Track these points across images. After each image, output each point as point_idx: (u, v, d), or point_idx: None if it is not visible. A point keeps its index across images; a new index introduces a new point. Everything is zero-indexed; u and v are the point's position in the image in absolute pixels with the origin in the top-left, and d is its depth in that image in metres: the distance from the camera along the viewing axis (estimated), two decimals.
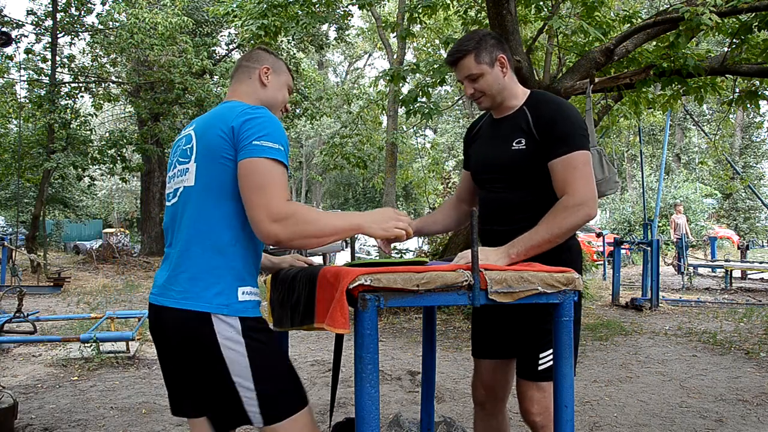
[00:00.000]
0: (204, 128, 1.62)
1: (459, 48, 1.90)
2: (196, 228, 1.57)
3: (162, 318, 1.61)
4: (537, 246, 1.74)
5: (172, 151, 1.76)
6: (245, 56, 1.84)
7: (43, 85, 13.12)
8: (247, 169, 1.50)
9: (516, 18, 5.41)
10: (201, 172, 1.56)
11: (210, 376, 1.55)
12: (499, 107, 1.98)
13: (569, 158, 1.79)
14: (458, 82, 2.00)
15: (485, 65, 1.88)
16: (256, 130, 1.51)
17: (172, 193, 1.67)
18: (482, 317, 2.13)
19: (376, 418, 1.41)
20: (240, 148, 1.51)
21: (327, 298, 1.47)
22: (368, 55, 34.15)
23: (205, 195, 1.56)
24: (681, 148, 29.36)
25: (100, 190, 29.39)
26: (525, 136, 1.87)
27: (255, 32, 6.93)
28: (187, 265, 1.57)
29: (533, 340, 1.92)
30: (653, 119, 12.34)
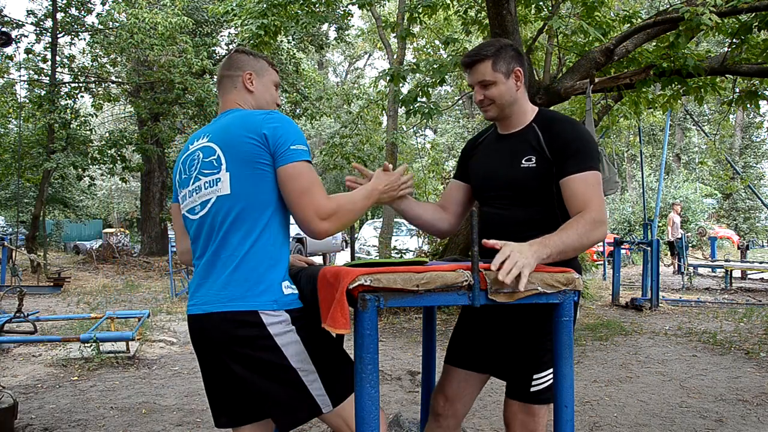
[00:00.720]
0: (226, 138, 1.66)
1: (478, 52, 1.87)
2: (240, 233, 1.61)
3: (206, 325, 1.62)
4: (565, 251, 1.66)
5: (183, 166, 1.77)
6: (225, 65, 1.85)
7: (43, 85, 13.12)
8: (291, 174, 1.59)
9: (516, 18, 5.41)
10: (237, 180, 1.61)
11: (267, 371, 1.58)
12: (505, 121, 1.95)
13: (586, 176, 1.77)
14: (468, 86, 1.97)
15: (501, 74, 1.86)
16: (289, 135, 1.61)
17: (199, 206, 1.69)
18: (469, 325, 2.07)
19: (376, 418, 1.42)
20: (278, 155, 1.60)
21: (327, 298, 1.47)
22: (368, 55, 34.16)
23: (246, 201, 1.61)
24: (681, 148, 29.37)
25: (100, 190, 29.38)
26: (536, 154, 1.84)
27: (255, 32, 6.92)
28: (233, 270, 1.60)
29: (528, 359, 1.86)
30: (653, 119, 12.33)
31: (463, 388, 2.02)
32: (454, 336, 2.12)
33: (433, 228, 2.09)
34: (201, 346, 1.69)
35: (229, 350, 1.59)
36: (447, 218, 2.08)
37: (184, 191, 1.76)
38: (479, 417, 3.69)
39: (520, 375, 1.88)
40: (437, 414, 2.04)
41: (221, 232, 1.63)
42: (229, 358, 1.60)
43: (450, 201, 2.10)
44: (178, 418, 3.67)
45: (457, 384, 2.02)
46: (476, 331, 2.04)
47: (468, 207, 2.12)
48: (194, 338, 1.70)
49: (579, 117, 8.39)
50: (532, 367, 1.85)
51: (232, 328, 1.57)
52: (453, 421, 2.03)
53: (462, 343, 2.06)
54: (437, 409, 2.04)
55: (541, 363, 1.85)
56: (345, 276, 1.39)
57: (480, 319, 2.02)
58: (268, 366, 1.58)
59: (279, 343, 1.57)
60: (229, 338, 1.58)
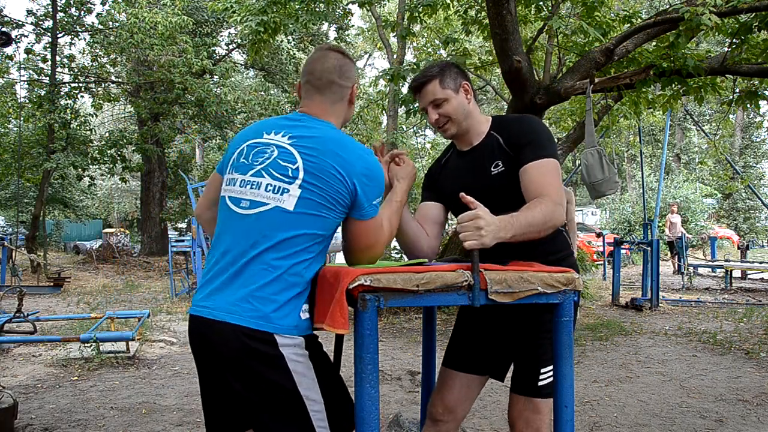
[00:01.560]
0: (314, 158, 1.55)
1: (423, 74, 1.91)
2: (282, 254, 1.51)
3: (214, 333, 1.51)
4: (528, 232, 1.63)
5: (247, 151, 1.63)
6: (334, 69, 1.70)
7: (43, 85, 13.13)
8: (361, 230, 1.61)
9: (516, 18, 5.41)
10: (305, 204, 1.52)
11: (271, 394, 1.49)
12: (464, 136, 1.96)
13: (542, 163, 1.79)
14: (421, 111, 1.96)
15: (450, 90, 1.88)
16: (374, 190, 1.60)
17: (249, 203, 1.56)
18: (468, 326, 2.06)
19: (376, 418, 1.42)
20: (357, 207, 1.59)
21: (327, 298, 1.47)
22: (368, 55, 34.14)
23: (303, 228, 1.52)
24: (681, 148, 29.36)
25: (100, 190, 29.39)
26: (502, 158, 1.87)
27: (254, 28, 6.91)
28: (261, 287, 1.50)
29: (534, 353, 1.87)
30: (653, 119, 12.33)
31: (463, 393, 2.01)
32: (453, 338, 2.11)
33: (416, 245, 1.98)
34: (203, 353, 1.58)
35: (235, 365, 1.49)
36: (427, 241, 2.00)
37: (236, 176, 1.62)
38: (479, 417, 3.69)
39: (528, 369, 1.88)
40: (436, 420, 2.02)
41: (263, 244, 1.51)
42: (233, 374, 1.51)
43: (426, 220, 2.03)
44: (178, 418, 3.67)
45: (458, 390, 2.00)
46: (475, 333, 2.03)
47: (443, 225, 2.09)
48: (195, 342, 1.59)
49: (579, 117, 8.40)
50: (539, 361, 1.87)
51: (243, 343, 1.47)
52: (452, 425, 2.02)
53: (461, 345, 2.05)
54: (436, 416, 2.02)
55: (548, 357, 1.85)
56: (345, 276, 1.39)
57: (479, 320, 2.01)
58: (273, 388, 1.49)
59: (290, 367, 1.49)
60: (237, 353, 1.48)
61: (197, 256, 8.81)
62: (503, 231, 1.55)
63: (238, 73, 21.55)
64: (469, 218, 1.51)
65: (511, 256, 1.79)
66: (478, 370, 2.01)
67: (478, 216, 1.50)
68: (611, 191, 5.28)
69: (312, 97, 1.70)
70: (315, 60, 1.72)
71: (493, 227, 1.52)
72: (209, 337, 1.52)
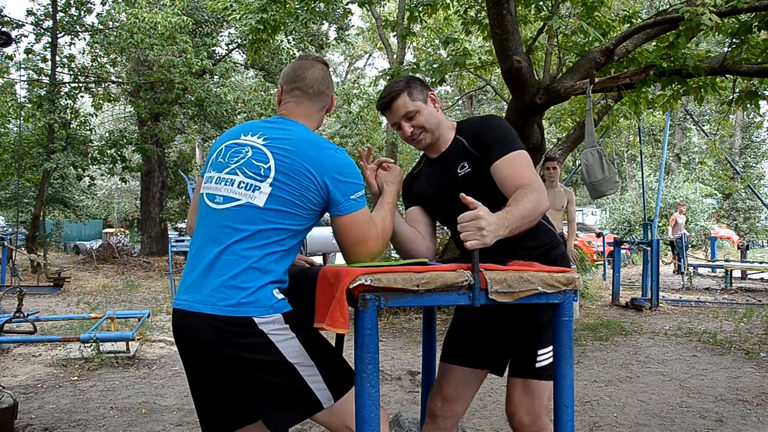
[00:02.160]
0: (285, 156, 1.62)
1: (390, 90, 1.94)
2: (251, 245, 1.58)
3: (193, 324, 1.58)
4: (521, 225, 1.64)
5: (224, 151, 1.72)
6: (320, 79, 1.81)
7: (43, 85, 13.12)
8: (346, 224, 1.66)
9: (516, 18, 5.40)
10: (275, 201, 1.60)
11: (263, 370, 1.55)
12: (436, 144, 2.00)
13: (511, 156, 1.82)
14: (393, 126, 1.99)
15: (419, 101, 1.92)
16: (349, 186, 1.65)
17: (222, 198, 1.65)
18: (465, 321, 2.08)
19: (376, 418, 1.42)
20: (333, 203, 1.64)
21: (327, 298, 1.47)
22: (368, 55, 34.15)
23: (273, 223, 1.60)
24: (681, 148, 29.36)
25: (100, 190, 29.39)
26: (467, 160, 1.92)
27: (254, 26, 6.90)
28: (233, 276, 1.56)
29: (530, 336, 1.90)
30: (653, 119, 12.32)
31: (461, 387, 2.02)
32: (450, 333, 2.12)
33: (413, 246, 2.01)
34: (185, 345, 1.64)
35: (220, 354, 1.55)
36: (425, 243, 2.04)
37: (213, 174, 1.71)
38: (479, 417, 3.69)
39: (525, 351, 1.90)
40: (434, 415, 2.04)
41: (234, 236, 1.59)
42: (219, 363, 1.57)
43: (416, 223, 2.07)
44: (178, 418, 3.67)
45: (456, 384, 2.02)
46: (473, 327, 2.04)
47: (434, 225, 2.12)
48: (178, 335, 1.65)
49: (579, 117, 8.40)
50: (535, 342, 1.89)
51: (222, 333, 1.54)
52: (451, 421, 2.02)
53: (459, 339, 2.07)
54: (434, 410, 2.04)
55: (542, 338, 1.88)
56: (345, 276, 1.39)
57: (476, 314, 2.01)
58: (263, 365, 1.55)
59: (274, 340, 1.56)
60: (217, 344, 1.54)
61: None
62: (502, 228, 1.56)
63: (238, 73, 21.56)
64: (470, 218, 1.51)
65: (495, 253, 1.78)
66: (477, 363, 2.03)
67: (479, 216, 1.51)
68: (611, 191, 5.28)
69: (301, 102, 1.80)
70: (303, 68, 1.82)
71: (494, 226, 1.53)
72: (189, 328, 1.59)
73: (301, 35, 16.18)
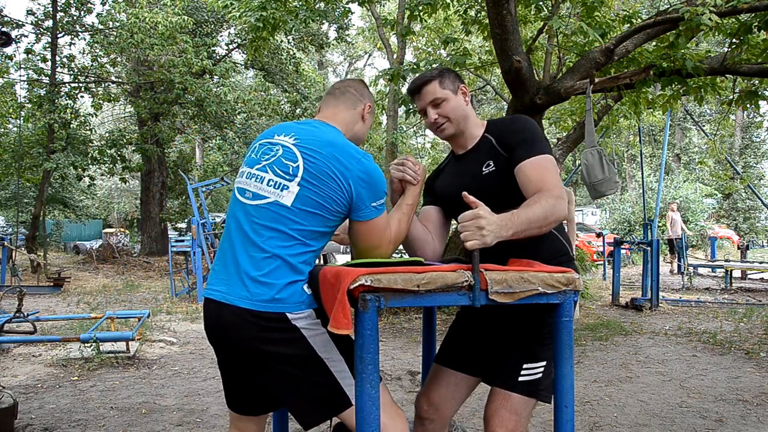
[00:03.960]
0: (313, 157, 1.66)
1: (423, 76, 1.96)
2: (281, 241, 1.63)
3: (227, 317, 1.62)
4: (529, 228, 1.63)
5: (258, 149, 1.78)
6: (352, 83, 1.93)
7: (43, 85, 13.12)
8: (365, 231, 1.71)
9: (516, 18, 5.40)
10: (302, 201, 1.63)
11: (294, 365, 1.59)
12: (460, 138, 2.00)
13: (537, 160, 1.79)
14: (420, 112, 2.00)
15: (449, 91, 1.93)
16: (372, 193, 1.68)
17: (252, 195, 1.70)
18: (465, 325, 2.05)
19: (376, 418, 1.42)
20: (355, 208, 1.68)
21: (329, 298, 1.47)
22: (368, 55, 34.14)
23: (298, 217, 1.64)
24: (681, 148, 29.36)
25: (100, 190, 29.38)
26: (493, 158, 1.90)
27: (254, 24, 6.89)
28: (264, 271, 1.61)
29: (521, 348, 1.85)
30: (653, 119, 12.33)
31: (450, 392, 1.99)
32: (448, 335, 2.10)
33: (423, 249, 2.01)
34: (218, 336, 1.69)
35: (252, 348, 1.60)
36: (432, 244, 2.03)
37: (245, 169, 1.77)
38: (479, 417, 3.69)
39: (510, 361, 1.85)
40: (421, 417, 2.02)
41: (263, 234, 1.64)
42: (251, 356, 1.61)
43: (428, 223, 2.07)
44: (178, 418, 3.67)
45: (445, 388, 2.00)
46: (472, 332, 2.02)
47: (446, 227, 2.11)
48: (210, 323, 1.69)
49: (579, 117, 8.40)
50: (524, 356, 1.84)
51: (258, 327, 1.58)
52: (438, 424, 1.99)
53: (455, 343, 2.05)
54: (420, 413, 2.03)
55: (533, 354, 1.83)
56: (346, 276, 1.39)
57: (477, 320, 2.01)
58: (294, 360, 1.59)
59: (306, 335, 1.60)
60: (252, 336, 1.59)
61: (197, 256, 8.81)
62: (504, 229, 1.55)
63: (238, 73, 21.55)
64: (470, 218, 1.51)
65: (504, 259, 1.78)
66: (468, 369, 2.00)
67: (479, 215, 1.50)
68: (611, 191, 5.28)
69: (327, 102, 1.89)
70: (336, 83, 1.97)
71: (495, 226, 1.52)
72: (223, 320, 1.64)
73: (301, 34, 16.17)
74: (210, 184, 10.93)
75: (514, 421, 1.80)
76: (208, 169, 18.73)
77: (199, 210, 9.86)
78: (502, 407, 1.81)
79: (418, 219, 2.04)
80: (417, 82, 1.95)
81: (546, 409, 3.77)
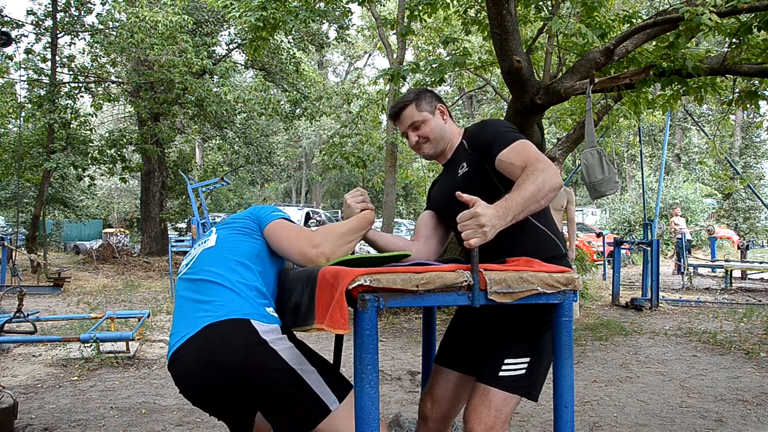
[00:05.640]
0: (224, 224, 1.99)
1: (400, 101, 2.06)
2: (222, 272, 1.78)
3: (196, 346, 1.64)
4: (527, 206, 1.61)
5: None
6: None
7: (43, 85, 13.12)
8: (275, 227, 1.88)
9: (516, 18, 5.40)
10: (223, 236, 1.91)
11: (267, 380, 1.61)
12: (442, 153, 2.09)
13: (514, 145, 1.83)
14: (402, 135, 2.11)
15: (426, 112, 2.03)
16: (268, 210, 1.97)
17: (185, 266, 1.93)
18: (463, 325, 2.08)
19: (376, 419, 1.42)
20: (262, 223, 1.93)
21: (327, 298, 1.47)
22: (368, 55, 34.15)
23: (227, 248, 1.87)
24: (681, 148, 29.36)
25: (100, 190, 29.37)
26: (465, 160, 1.99)
27: (253, 23, 6.90)
28: (214, 301, 1.71)
29: (505, 343, 1.84)
30: (653, 119, 12.32)
31: (450, 390, 2.01)
32: (446, 335, 2.12)
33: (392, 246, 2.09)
34: (191, 378, 1.67)
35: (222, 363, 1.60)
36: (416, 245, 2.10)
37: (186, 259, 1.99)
38: None
39: (493, 355, 1.85)
40: (425, 416, 2.04)
41: (203, 275, 1.79)
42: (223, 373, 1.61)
43: (423, 226, 2.16)
44: (178, 418, 3.67)
45: (445, 386, 2.02)
46: (469, 332, 2.04)
47: (440, 228, 2.14)
48: (180, 373, 1.70)
49: (579, 117, 8.40)
50: (507, 350, 1.83)
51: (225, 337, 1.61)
52: (442, 423, 2.01)
53: (453, 343, 2.07)
54: (424, 411, 2.05)
55: (516, 349, 1.83)
56: (344, 276, 1.39)
57: (474, 319, 2.02)
58: (262, 377, 1.61)
59: (275, 347, 1.63)
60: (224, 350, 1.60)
61: None
62: (502, 219, 1.55)
63: (238, 73, 21.55)
64: (468, 217, 1.52)
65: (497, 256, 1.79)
66: (467, 369, 2.01)
67: (476, 213, 1.51)
68: (611, 191, 5.27)
69: None
70: None
71: (493, 218, 1.52)
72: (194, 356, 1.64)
73: (301, 34, 16.17)
74: (210, 184, 10.93)
75: (493, 417, 1.76)
76: (208, 169, 18.74)
77: (199, 210, 9.86)
78: (481, 403, 1.79)
79: (381, 232, 2.13)
80: (395, 108, 2.06)
81: (546, 409, 3.77)
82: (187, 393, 1.71)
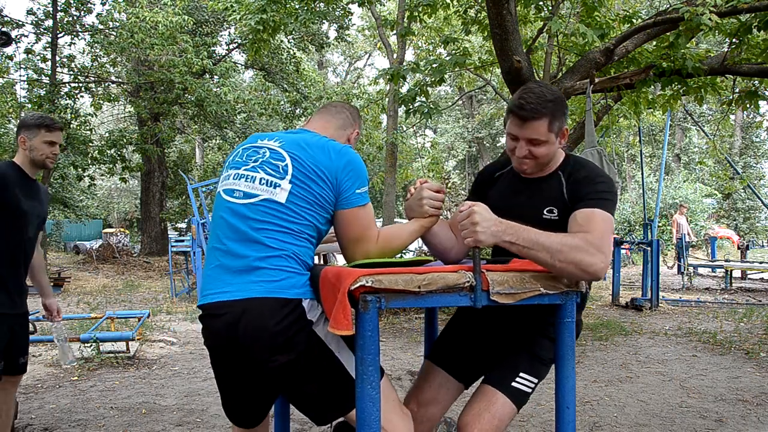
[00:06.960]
0: (298, 155, 1.69)
1: (537, 107, 1.71)
2: (281, 236, 1.63)
3: (230, 313, 1.57)
4: (536, 250, 1.53)
5: (242, 153, 1.79)
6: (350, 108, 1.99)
7: (43, 85, 13.11)
8: (348, 220, 1.71)
9: (516, 18, 5.40)
10: (294, 198, 1.66)
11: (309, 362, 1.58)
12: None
13: (593, 211, 1.68)
14: (508, 135, 1.82)
15: (553, 135, 1.76)
16: (356, 179, 1.71)
17: (243, 194, 1.69)
18: (463, 326, 2.01)
19: (377, 419, 1.41)
20: (342, 197, 1.70)
21: (329, 298, 1.47)
22: (368, 55, 34.13)
23: (292, 213, 1.65)
24: (681, 148, 29.35)
25: (100, 190, 29.36)
26: (557, 206, 1.79)
27: (253, 26, 6.90)
28: (271, 264, 1.60)
29: (523, 356, 1.82)
30: (653, 119, 12.32)
31: (440, 393, 1.94)
32: (445, 334, 2.05)
33: (450, 251, 1.95)
34: (227, 345, 1.61)
35: (266, 345, 1.55)
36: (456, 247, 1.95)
37: (230, 171, 1.76)
38: None
39: (509, 365, 1.82)
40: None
41: (262, 230, 1.63)
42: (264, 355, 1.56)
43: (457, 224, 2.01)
44: (178, 418, 3.67)
45: (435, 389, 1.94)
46: (469, 335, 1.98)
47: None
48: (218, 331, 1.62)
49: (579, 117, 8.39)
50: (524, 365, 1.81)
51: (271, 318, 1.54)
52: (427, 425, 1.94)
53: (451, 343, 2.00)
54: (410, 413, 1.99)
55: (533, 367, 1.81)
56: (346, 277, 1.39)
57: (476, 321, 1.97)
58: (309, 356, 1.58)
59: (316, 330, 1.60)
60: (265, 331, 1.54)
61: (197, 256, 8.80)
62: (502, 233, 1.52)
63: (238, 73, 21.54)
64: (465, 216, 1.51)
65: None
66: (458, 375, 1.95)
67: (473, 212, 1.50)
68: None
69: (321, 115, 1.94)
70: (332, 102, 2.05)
71: (490, 224, 1.51)
72: (236, 317, 1.57)
73: (301, 35, 16.16)
74: (210, 184, 10.90)
75: (495, 426, 1.73)
76: (208, 169, 18.74)
77: (199, 210, 9.85)
78: (486, 409, 1.74)
79: (448, 225, 1.96)
80: (527, 110, 1.72)
81: (546, 409, 3.77)
82: (216, 353, 1.68)
